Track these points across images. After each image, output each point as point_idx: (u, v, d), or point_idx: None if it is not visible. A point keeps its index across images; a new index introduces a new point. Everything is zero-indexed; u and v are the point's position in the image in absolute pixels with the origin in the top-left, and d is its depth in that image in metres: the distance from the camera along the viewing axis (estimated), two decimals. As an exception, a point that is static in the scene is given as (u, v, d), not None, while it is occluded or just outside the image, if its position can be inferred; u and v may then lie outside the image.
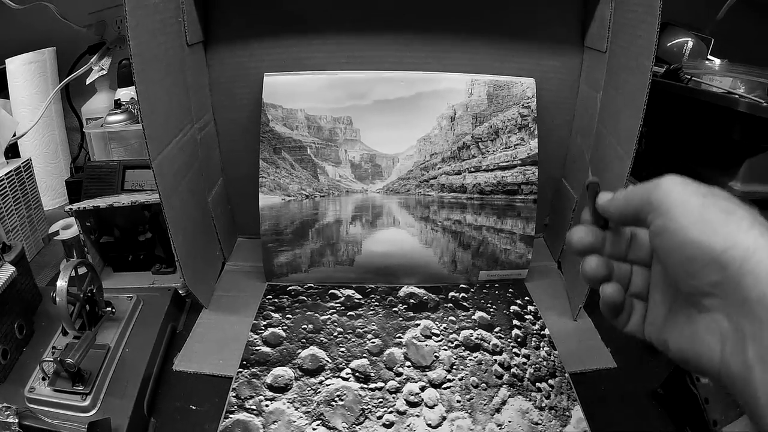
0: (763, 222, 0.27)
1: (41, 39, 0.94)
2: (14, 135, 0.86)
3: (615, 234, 0.35)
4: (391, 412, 0.56)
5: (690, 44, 0.83)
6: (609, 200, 0.33)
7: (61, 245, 0.76)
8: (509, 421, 0.55)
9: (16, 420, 0.49)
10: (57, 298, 0.54)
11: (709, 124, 0.75)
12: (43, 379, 0.53)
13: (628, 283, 0.35)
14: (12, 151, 0.88)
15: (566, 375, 0.60)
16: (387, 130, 0.69)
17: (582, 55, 0.72)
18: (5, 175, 0.76)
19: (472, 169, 0.69)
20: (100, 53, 0.89)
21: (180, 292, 0.68)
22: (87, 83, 0.90)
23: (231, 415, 0.55)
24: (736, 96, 0.72)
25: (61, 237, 0.75)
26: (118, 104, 0.87)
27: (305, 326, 0.67)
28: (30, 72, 0.91)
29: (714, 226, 0.26)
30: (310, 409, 0.55)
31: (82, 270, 0.60)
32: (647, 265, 0.34)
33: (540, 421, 0.55)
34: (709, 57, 0.83)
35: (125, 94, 0.89)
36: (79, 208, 0.68)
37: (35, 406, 0.52)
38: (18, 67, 0.91)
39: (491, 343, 0.64)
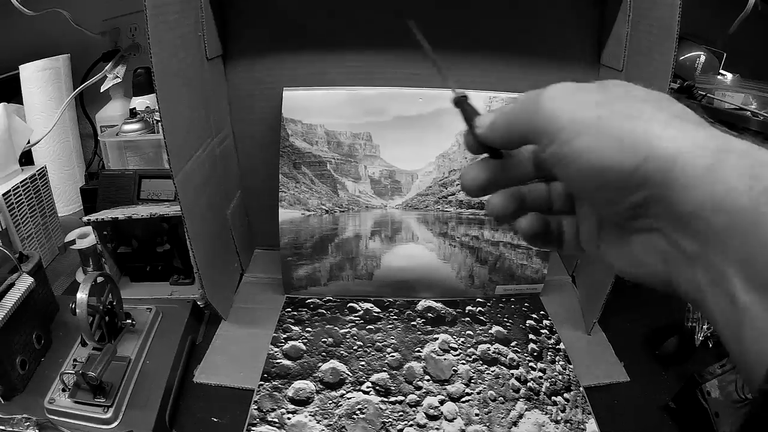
0: (681, 112, 0.22)
1: (55, 46, 0.93)
2: (28, 142, 0.86)
3: (514, 156, 0.29)
4: (411, 425, 0.56)
5: (702, 58, 0.84)
6: (488, 127, 0.27)
7: (76, 253, 0.76)
8: (526, 435, 0.56)
9: (36, 431, 0.49)
10: (77, 310, 0.54)
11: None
12: (63, 390, 0.54)
13: (549, 203, 0.30)
14: (26, 157, 0.87)
15: (581, 389, 0.61)
16: (406, 147, 0.69)
17: (598, 72, 0.73)
18: (20, 182, 0.76)
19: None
20: (114, 61, 0.89)
21: (199, 303, 0.69)
22: (101, 91, 0.90)
23: (253, 428, 0.55)
24: (749, 113, 0.73)
25: (78, 246, 0.75)
26: (133, 113, 0.87)
27: (325, 339, 0.67)
28: (44, 79, 0.91)
29: (619, 141, 0.21)
30: (331, 422, 0.56)
31: (101, 281, 0.60)
32: None
33: (556, 434, 0.56)
34: (722, 71, 0.83)
35: (140, 102, 0.89)
36: (97, 218, 0.69)
37: (55, 418, 0.52)
38: (32, 73, 0.90)
39: (508, 357, 0.65)
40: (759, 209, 0.18)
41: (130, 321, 0.62)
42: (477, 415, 0.58)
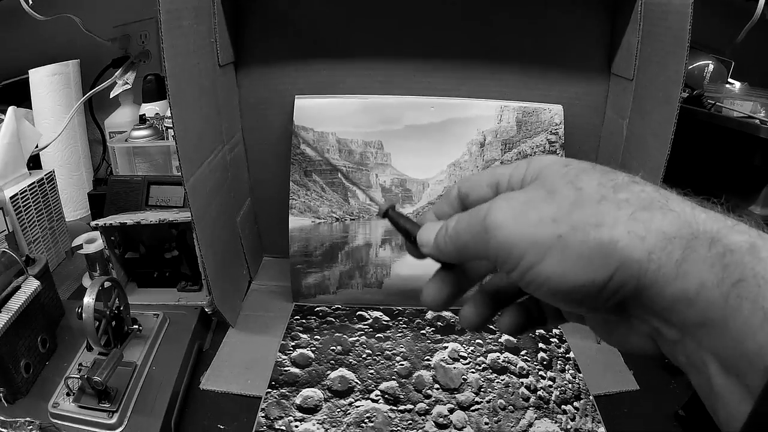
0: (645, 199, 0.21)
1: (65, 51, 0.94)
2: (37, 146, 0.86)
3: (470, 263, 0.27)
4: (420, 435, 0.55)
5: (711, 67, 0.84)
6: (434, 249, 0.25)
7: (83, 258, 0.76)
8: (536, 444, 0.55)
9: (40, 435, 0.48)
10: (84, 314, 0.53)
11: (730, 149, 0.76)
12: (68, 394, 0.53)
13: (520, 292, 0.28)
14: (34, 162, 0.87)
15: (591, 397, 0.60)
16: (417, 155, 0.69)
17: (608, 81, 0.73)
18: (28, 186, 0.76)
19: (501, 193, 0.69)
20: (124, 67, 0.89)
21: (206, 310, 0.68)
22: (111, 97, 0.90)
23: (260, 437, 0.55)
24: (757, 122, 0.72)
25: (85, 251, 0.74)
26: (143, 119, 0.86)
27: (334, 347, 0.66)
28: (54, 84, 0.91)
29: (586, 258, 0.20)
30: (340, 431, 0.55)
31: (108, 286, 0.59)
32: None
33: (566, 444, 0.55)
34: (730, 80, 0.83)
35: (150, 109, 0.89)
36: (105, 223, 0.68)
37: (59, 422, 0.51)
38: (42, 78, 0.90)
39: (518, 366, 0.64)
40: (728, 302, 0.19)
41: (136, 326, 0.61)
42: (487, 423, 0.57)
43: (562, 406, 0.59)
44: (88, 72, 0.95)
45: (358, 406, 0.58)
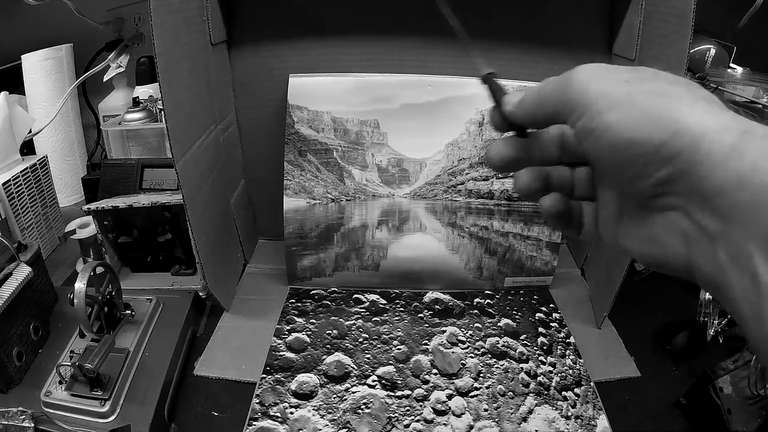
0: (707, 96, 0.22)
1: (58, 35, 0.90)
2: (30, 131, 0.83)
3: (539, 137, 0.29)
4: (418, 421, 0.53)
5: (712, 51, 0.81)
6: (516, 105, 0.27)
7: (77, 243, 0.73)
8: (536, 430, 0.53)
9: (32, 425, 0.46)
10: (75, 300, 0.51)
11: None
12: (60, 383, 0.51)
13: (572, 187, 0.30)
14: (27, 147, 0.84)
15: (591, 384, 0.58)
16: (414, 135, 0.66)
17: (610, 62, 0.70)
18: (21, 172, 0.73)
19: (500, 176, 0.66)
20: (117, 50, 0.86)
21: (200, 294, 0.65)
22: (104, 80, 0.87)
23: (255, 422, 0.52)
24: (760, 106, 0.70)
25: (78, 236, 0.72)
26: (136, 102, 0.83)
27: (330, 332, 0.64)
28: (46, 68, 0.88)
29: (648, 116, 0.22)
30: (336, 417, 0.53)
31: (100, 271, 0.57)
32: (587, 163, 0.29)
33: (566, 430, 0.53)
34: (732, 65, 0.80)
35: (144, 92, 0.86)
36: (97, 207, 0.65)
37: (51, 411, 0.50)
38: (34, 63, 0.87)
39: (517, 351, 0.62)
40: None
41: (129, 312, 0.59)
42: (486, 410, 0.54)
43: (563, 393, 0.57)
44: (82, 56, 0.92)
45: (355, 392, 0.56)
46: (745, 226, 0.19)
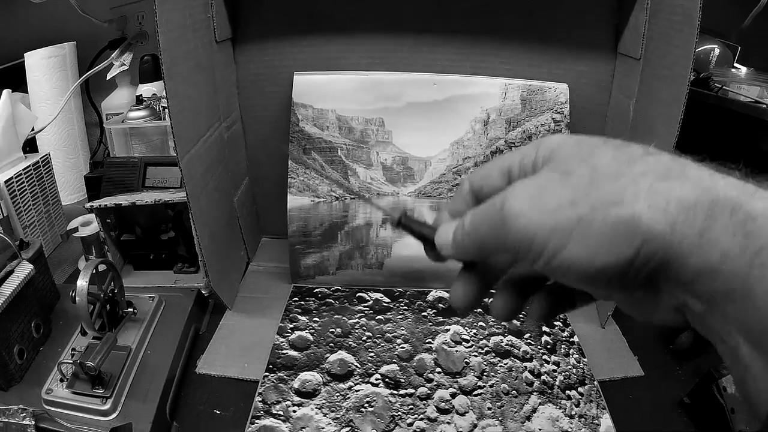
0: (660, 168, 0.20)
1: (61, 33, 0.90)
2: (33, 129, 0.82)
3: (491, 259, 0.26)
4: (421, 419, 0.52)
5: (717, 51, 0.81)
6: (453, 249, 0.24)
7: (79, 241, 0.72)
8: (539, 429, 0.52)
9: (33, 423, 0.45)
10: (77, 298, 0.50)
11: (737, 134, 0.72)
12: (61, 380, 0.50)
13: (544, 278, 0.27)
14: (30, 145, 0.84)
15: (595, 383, 0.58)
16: (419, 133, 0.65)
17: (615, 61, 0.69)
18: (23, 170, 0.73)
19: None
20: (121, 48, 0.86)
21: (203, 292, 0.65)
22: (107, 78, 0.86)
23: (257, 421, 0.51)
24: (765, 106, 0.69)
25: (80, 234, 0.71)
26: (139, 100, 0.83)
27: (333, 330, 0.63)
28: (49, 66, 0.87)
29: (609, 239, 0.19)
30: (339, 416, 0.52)
31: (102, 269, 0.56)
32: None
33: (570, 430, 0.52)
34: (736, 65, 0.80)
35: (147, 90, 0.85)
36: (100, 205, 0.65)
37: (52, 409, 0.49)
38: (37, 61, 0.87)
39: (521, 350, 0.61)
40: (752, 271, 0.18)
41: (131, 309, 0.58)
42: (489, 408, 0.54)
43: (567, 392, 0.56)
44: (85, 54, 0.91)
45: (358, 390, 0.55)
46: (723, 312, 0.19)
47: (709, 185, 0.19)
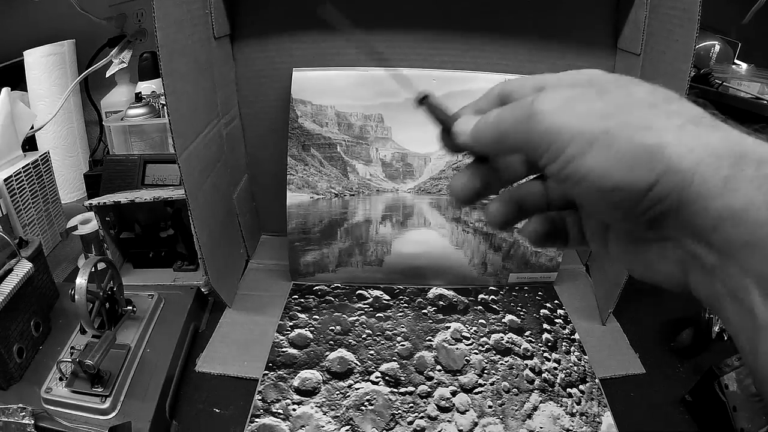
0: (692, 112, 0.20)
1: (60, 31, 0.89)
2: (32, 128, 0.81)
3: (501, 158, 0.26)
4: (422, 418, 0.52)
5: (717, 48, 0.80)
6: (471, 137, 0.24)
7: (79, 240, 0.72)
8: (540, 428, 0.51)
9: (32, 422, 0.44)
10: (76, 296, 0.50)
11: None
12: (61, 379, 0.50)
13: (548, 201, 0.26)
14: (29, 143, 0.83)
15: (596, 381, 0.57)
16: (419, 129, 0.64)
17: (615, 57, 0.68)
18: (22, 168, 0.72)
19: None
20: (120, 46, 0.85)
21: (203, 290, 0.64)
22: (107, 76, 0.85)
23: (257, 419, 0.51)
24: (765, 102, 0.68)
25: (80, 232, 0.70)
26: (139, 98, 0.82)
27: (333, 327, 0.62)
28: (48, 64, 0.86)
29: (632, 157, 0.19)
30: (338, 414, 0.51)
31: (102, 267, 0.55)
32: None
33: (571, 428, 0.51)
34: (736, 61, 0.79)
35: (146, 87, 0.84)
36: (99, 203, 0.64)
37: (52, 407, 0.48)
38: (36, 59, 0.86)
39: (522, 348, 0.60)
40: None
41: (130, 308, 0.58)
42: (490, 406, 0.53)
43: (568, 389, 0.55)
44: (84, 52, 0.90)
45: (358, 389, 0.54)
46: (742, 263, 0.18)
47: (738, 140, 0.19)
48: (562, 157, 0.20)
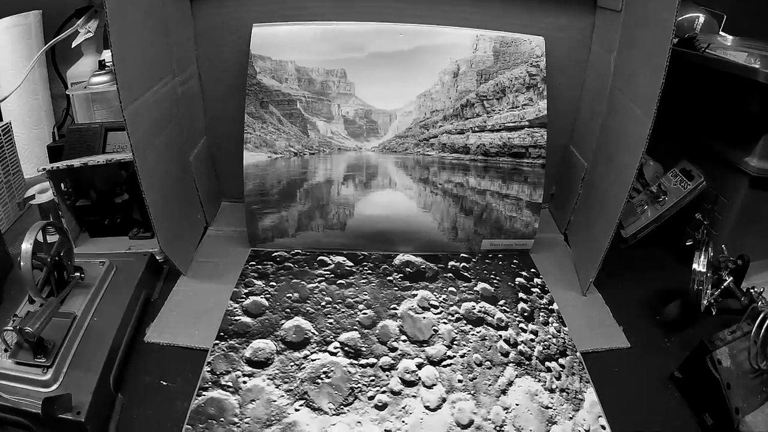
0: None
1: (26, 2, 0.84)
2: (-5, 99, 0.76)
3: None
4: (384, 392, 0.46)
5: (701, 19, 0.74)
6: None
7: (38, 210, 0.66)
8: (516, 404, 0.46)
9: (-29, 395, 0.40)
10: (21, 262, 0.45)
11: (725, 95, 0.65)
12: (5, 350, 0.45)
13: None
14: (-7, 117, 0.78)
15: (578, 354, 0.51)
16: (384, 85, 0.59)
17: (594, 15, 0.63)
18: (-19, 138, 0.67)
19: (476, 129, 0.59)
20: (86, 16, 0.79)
21: (157, 257, 0.59)
22: (72, 46, 0.80)
23: (204, 393, 0.45)
24: (756, 66, 0.62)
25: (37, 201, 0.66)
26: (102, 65, 0.77)
27: (290, 295, 0.57)
28: (13, 35, 0.81)
29: None
30: (292, 387, 0.46)
31: (51, 233, 0.50)
32: None
33: (551, 405, 0.46)
34: (721, 33, 0.73)
35: (110, 55, 0.79)
36: (53, 167, 0.59)
37: (-5, 380, 0.43)
38: (1, 30, 0.81)
39: (495, 317, 0.55)
40: None
41: (78, 274, 0.52)
42: (460, 381, 0.47)
43: (546, 363, 0.50)
44: (52, 23, 0.85)
45: (314, 360, 0.49)
46: None
47: None
48: None
